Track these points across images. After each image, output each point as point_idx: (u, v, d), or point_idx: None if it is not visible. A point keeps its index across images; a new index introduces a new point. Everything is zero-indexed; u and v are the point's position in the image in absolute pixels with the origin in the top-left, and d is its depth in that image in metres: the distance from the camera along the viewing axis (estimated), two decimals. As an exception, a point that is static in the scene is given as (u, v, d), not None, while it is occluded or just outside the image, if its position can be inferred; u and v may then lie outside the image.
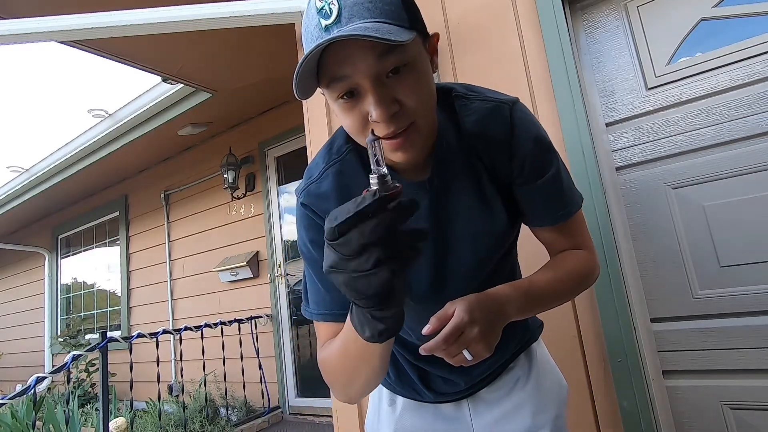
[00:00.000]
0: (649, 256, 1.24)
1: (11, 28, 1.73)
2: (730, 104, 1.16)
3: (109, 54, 2.75)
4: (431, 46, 0.62)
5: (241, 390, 3.63)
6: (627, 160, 1.29)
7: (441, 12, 1.56)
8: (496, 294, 0.62)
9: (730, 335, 1.13)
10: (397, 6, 0.55)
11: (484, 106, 0.68)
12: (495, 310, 0.60)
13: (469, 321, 0.56)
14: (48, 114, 10.50)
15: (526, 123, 0.68)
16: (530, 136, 0.68)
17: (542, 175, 0.69)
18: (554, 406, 0.81)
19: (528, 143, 0.67)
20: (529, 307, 0.67)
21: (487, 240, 0.72)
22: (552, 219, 0.73)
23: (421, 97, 0.58)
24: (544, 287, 0.69)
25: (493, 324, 0.59)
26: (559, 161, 0.72)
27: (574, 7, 1.40)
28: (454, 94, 0.69)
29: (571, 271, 0.73)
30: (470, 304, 0.57)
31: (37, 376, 2.30)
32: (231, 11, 1.71)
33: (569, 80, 1.28)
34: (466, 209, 0.70)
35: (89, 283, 5.95)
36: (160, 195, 4.75)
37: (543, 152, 0.69)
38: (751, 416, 1.10)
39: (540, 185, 0.70)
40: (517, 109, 0.68)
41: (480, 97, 0.69)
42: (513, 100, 0.69)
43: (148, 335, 3.03)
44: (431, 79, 0.60)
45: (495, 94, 0.70)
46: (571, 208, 0.73)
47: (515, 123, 0.67)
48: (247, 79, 3.26)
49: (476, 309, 0.57)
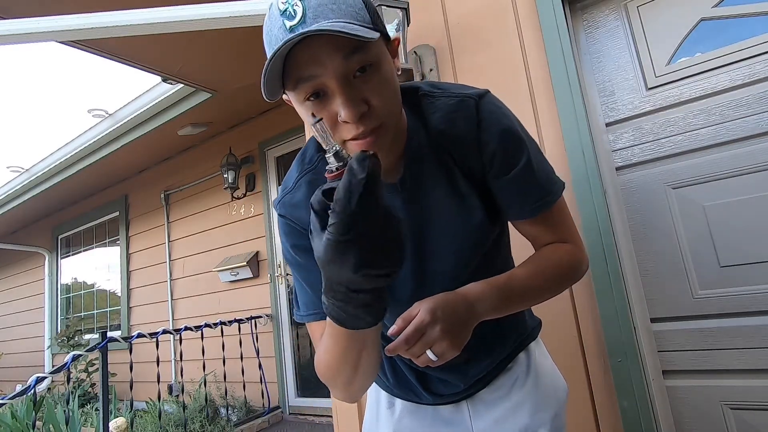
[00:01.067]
0: (649, 256, 1.24)
1: (11, 28, 1.73)
2: (730, 104, 1.16)
3: (109, 54, 2.75)
4: (392, 50, 0.62)
5: (241, 390, 3.63)
6: (627, 160, 1.29)
7: (441, 12, 1.56)
8: (467, 292, 0.62)
9: (730, 335, 1.13)
10: (360, 8, 0.56)
11: (449, 102, 0.68)
12: (462, 309, 0.59)
13: (431, 321, 0.55)
14: (48, 114, 10.50)
15: (492, 116, 0.67)
16: (497, 129, 0.67)
17: (513, 167, 0.68)
18: (553, 405, 0.81)
19: (495, 137, 0.67)
20: (505, 305, 0.65)
21: (466, 237, 0.71)
22: (528, 211, 0.72)
23: (387, 97, 0.58)
24: (523, 283, 0.68)
25: (459, 324, 0.58)
26: (530, 151, 0.69)
27: (574, 7, 1.40)
28: (420, 93, 0.69)
29: (554, 265, 0.71)
30: (434, 303, 0.57)
31: (37, 376, 2.30)
32: (231, 11, 1.71)
33: (569, 80, 1.28)
34: (440, 207, 0.69)
35: (89, 283, 5.95)
36: (160, 195, 4.75)
37: (512, 144, 0.68)
38: (751, 416, 1.10)
39: (512, 177, 0.68)
40: (484, 102, 0.68)
41: (445, 94, 0.69)
42: (479, 94, 0.69)
43: (148, 335, 3.03)
44: (395, 80, 0.61)
45: (461, 89, 0.69)
46: (548, 198, 0.71)
47: (481, 117, 0.67)
48: (247, 79, 3.26)
49: (439, 308, 0.57)
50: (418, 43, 1.60)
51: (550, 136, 1.31)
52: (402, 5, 1.40)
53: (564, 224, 0.75)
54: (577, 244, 0.75)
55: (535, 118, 1.34)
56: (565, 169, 1.27)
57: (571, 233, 0.75)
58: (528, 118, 1.35)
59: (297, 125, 3.49)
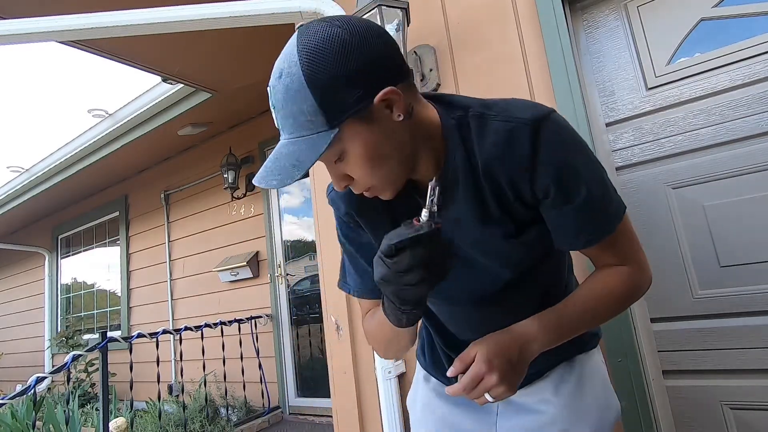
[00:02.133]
0: (649, 255, 1.23)
1: (11, 28, 1.73)
2: (730, 104, 1.16)
3: (109, 54, 2.75)
4: (384, 103, 0.58)
5: (241, 390, 3.63)
6: (627, 160, 1.29)
7: (441, 12, 1.56)
8: (521, 334, 0.65)
9: (730, 335, 1.13)
10: (314, 112, 0.56)
11: (502, 127, 0.63)
12: (516, 354, 0.63)
13: (487, 370, 0.60)
14: (48, 114, 10.50)
15: (549, 147, 0.62)
16: (552, 163, 0.62)
17: (568, 202, 0.64)
18: (593, 423, 0.77)
19: (549, 171, 0.62)
20: (559, 338, 0.67)
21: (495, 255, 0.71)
22: (582, 244, 0.70)
23: (368, 170, 0.61)
24: (577, 313, 0.68)
25: (513, 369, 0.62)
26: (589, 185, 0.65)
27: (574, 7, 1.40)
28: (471, 113, 0.66)
29: (609, 293, 0.70)
30: (489, 351, 0.62)
31: (37, 376, 2.30)
32: (231, 11, 1.71)
33: (569, 80, 1.28)
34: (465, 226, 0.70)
35: (89, 283, 5.95)
36: (160, 195, 4.75)
37: (568, 180, 0.63)
38: (751, 416, 1.10)
39: (566, 212, 0.65)
40: (542, 129, 0.62)
41: (499, 117, 0.64)
42: (538, 118, 0.62)
43: (148, 335, 3.03)
44: (383, 141, 0.60)
45: (517, 111, 0.64)
46: (602, 231, 0.68)
47: (536, 148, 0.62)
48: (247, 79, 3.26)
49: (495, 356, 0.61)
50: (418, 43, 1.60)
51: (550, 136, 1.31)
52: (402, 5, 1.40)
53: (622, 246, 0.71)
54: (638, 264, 0.73)
55: (535, 118, 1.34)
56: (565, 169, 1.27)
57: (631, 254, 0.72)
58: (528, 118, 1.36)
59: (297, 125, 3.48)
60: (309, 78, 0.55)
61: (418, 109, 0.64)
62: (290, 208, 3.91)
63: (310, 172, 1.79)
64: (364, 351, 1.55)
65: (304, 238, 3.81)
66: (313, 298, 3.63)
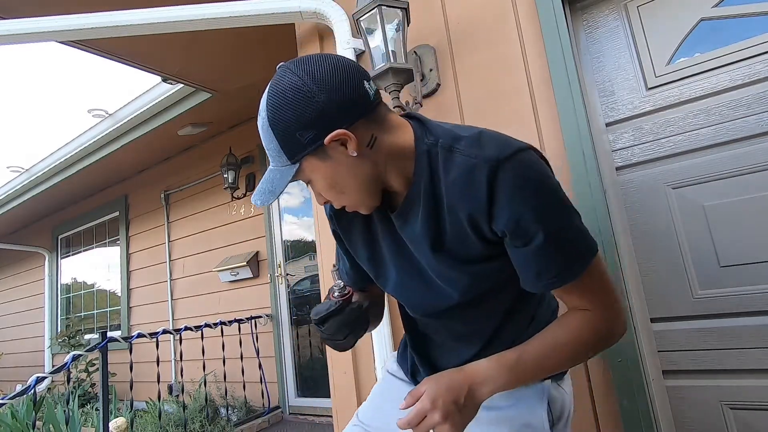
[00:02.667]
0: (649, 256, 1.24)
1: (11, 28, 1.73)
2: (730, 104, 1.16)
3: (109, 54, 2.75)
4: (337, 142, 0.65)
5: (241, 390, 3.63)
6: (627, 160, 1.29)
7: (441, 12, 1.56)
8: (473, 375, 0.67)
9: (730, 335, 1.13)
10: (278, 150, 0.68)
11: (465, 164, 0.66)
12: (465, 394, 0.65)
13: (431, 408, 0.64)
14: (48, 114, 10.50)
15: (508, 188, 0.63)
16: (510, 204, 0.63)
17: (527, 244, 0.64)
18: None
19: (506, 212, 0.63)
20: (516, 382, 0.68)
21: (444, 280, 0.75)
22: (542, 286, 0.68)
23: (333, 195, 0.73)
24: (538, 359, 0.68)
25: (460, 408, 0.64)
26: (549, 227, 0.63)
27: (574, 7, 1.40)
28: (440, 144, 0.70)
29: (574, 339, 0.69)
30: (437, 390, 0.65)
31: (37, 376, 2.30)
32: (231, 11, 1.71)
33: (569, 80, 1.28)
34: (418, 244, 0.75)
35: (89, 283, 5.95)
36: (160, 195, 4.74)
37: (525, 222, 0.63)
38: (751, 416, 1.10)
39: (525, 252, 0.65)
40: (501, 170, 0.63)
41: (464, 152, 0.67)
42: (500, 158, 0.63)
43: (148, 335, 3.03)
44: (344, 170, 0.69)
45: (482, 148, 0.66)
46: (565, 275, 0.66)
47: (495, 188, 0.63)
48: (247, 79, 3.26)
49: (441, 396, 0.64)
50: (418, 43, 1.60)
51: (550, 136, 1.31)
52: (402, 5, 1.40)
53: (591, 292, 0.69)
54: (609, 310, 0.70)
55: (535, 118, 1.34)
56: (565, 169, 1.27)
57: (602, 299, 0.69)
58: (528, 118, 1.35)
59: (297, 125, 3.48)
60: (271, 122, 0.66)
61: (384, 137, 0.70)
62: (290, 208, 3.91)
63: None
64: (364, 351, 1.55)
65: (304, 238, 3.81)
66: (313, 298, 3.63)
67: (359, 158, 0.68)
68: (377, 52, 1.40)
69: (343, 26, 1.65)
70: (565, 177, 1.27)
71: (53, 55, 10.18)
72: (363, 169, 0.69)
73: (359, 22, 1.42)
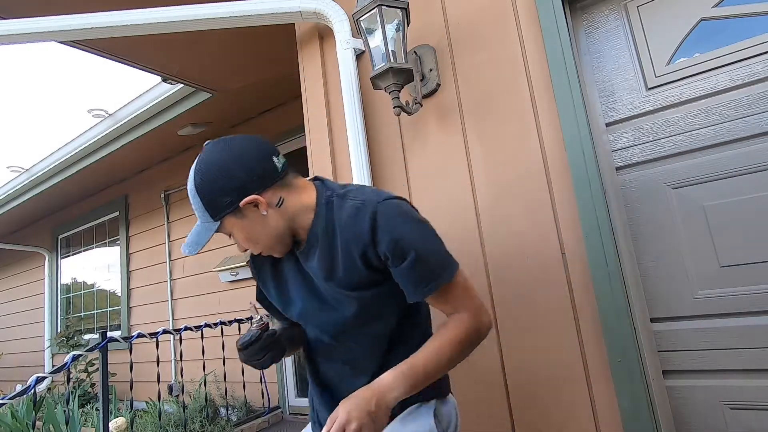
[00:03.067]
0: (649, 256, 1.24)
1: (11, 28, 1.73)
2: (730, 104, 1.16)
3: (109, 54, 2.75)
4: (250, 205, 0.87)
5: (241, 390, 3.63)
6: (627, 160, 1.29)
7: (441, 12, 1.56)
8: (378, 387, 0.81)
9: (730, 335, 1.13)
10: (203, 209, 0.87)
11: (353, 205, 0.88)
12: (374, 404, 0.78)
13: (346, 420, 0.75)
14: (48, 114, 10.49)
15: (384, 224, 0.85)
16: (387, 236, 0.84)
17: (402, 262, 0.85)
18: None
19: (384, 241, 0.85)
20: (414, 386, 0.83)
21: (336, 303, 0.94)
22: (419, 295, 0.88)
23: (250, 245, 0.94)
24: (427, 362, 0.84)
25: (372, 416, 0.77)
26: (419, 249, 0.85)
27: (574, 7, 1.40)
28: (336, 194, 0.93)
29: (450, 340, 0.86)
30: (350, 405, 0.77)
31: (37, 376, 2.30)
32: (231, 11, 1.71)
33: (569, 80, 1.28)
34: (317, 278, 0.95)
35: (89, 283, 5.95)
36: (160, 195, 4.74)
37: (399, 248, 0.85)
38: (751, 416, 1.10)
39: (402, 269, 0.86)
40: (379, 210, 0.86)
41: (351, 197, 0.90)
42: (377, 201, 0.87)
43: (148, 335, 3.03)
44: (257, 226, 0.90)
45: (366, 195, 0.90)
46: (436, 283, 0.87)
47: (375, 223, 0.85)
48: (247, 79, 3.26)
49: (355, 409, 0.77)
50: (418, 43, 1.60)
51: (550, 136, 1.31)
52: (402, 5, 1.40)
53: (458, 298, 0.89)
54: (473, 310, 0.89)
55: (535, 118, 1.34)
56: (565, 169, 1.27)
57: (467, 304, 0.89)
58: (528, 118, 1.35)
59: (297, 125, 3.49)
60: (197, 188, 0.86)
61: (290, 197, 0.91)
62: (290, 208, 3.90)
63: (311, 172, 1.79)
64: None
65: (304, 238, 3.81)
66: (313, 298, 3.62)
67: (269, 216, 0.89)
68: (377, 52, 1.40)
69: (343, 26, 1.65)
70: (565, 177, 1.28)
71: (53, 55, 10.18)
72: (273, 224, 0.90)
73: (359, 22, 1.42)
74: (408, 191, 1.57)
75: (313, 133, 1.81)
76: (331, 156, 1.73)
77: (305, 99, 1.86)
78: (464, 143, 1.47)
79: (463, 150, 1.47)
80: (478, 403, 1.36)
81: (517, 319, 1.32)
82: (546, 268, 1.29)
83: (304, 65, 1.89)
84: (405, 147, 1.60)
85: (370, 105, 1.69)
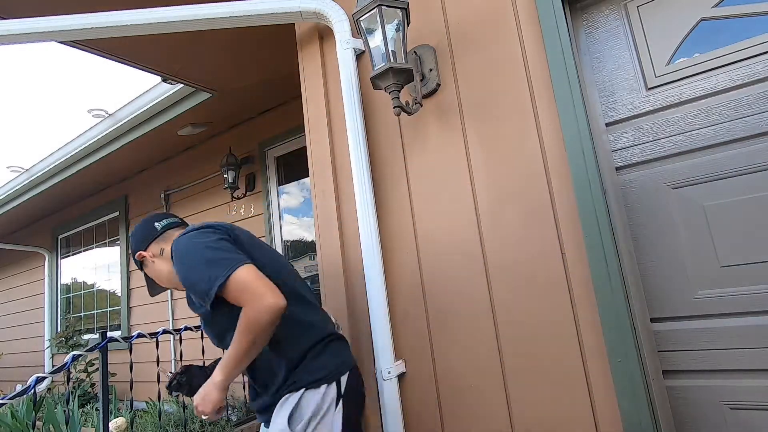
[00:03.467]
0: (649, 256, 1.24)
1: (11, 28, 1.73)
2: (730, 104, 1.16)
3: (109, 54, 2.75)
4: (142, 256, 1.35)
5: (241, 390, 3.63)
6: (627, 160, 1.29)
7: (441, 12, 1.56)
8: (213, 375, 1.16)
9: (730, 335, 1.13)
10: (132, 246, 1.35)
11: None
12: (208, 388, 1.15)
13: (195, 404, 1.17)
14: (48, 114, 10.49)
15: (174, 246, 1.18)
16: (174, 255, 1.18)
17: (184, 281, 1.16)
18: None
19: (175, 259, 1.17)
20: (230, 370, 1.15)
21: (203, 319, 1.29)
22: (206, 305, 1.11)
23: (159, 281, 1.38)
24: (230, 354, 1.11)
25: (206, 396, 1.15)
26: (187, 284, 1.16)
27: (574, 7, 1.40)
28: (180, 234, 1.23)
29: (239, 331, 1.07)
30: (197, 394, 1.18)
31: (37, 376, 2.29)
32: (231, 11, 1.71)
33: (569, 80, 1.28)
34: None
35: (89, 283, 5.95)
36: (160, 195, 4.74)
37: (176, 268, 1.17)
38: (751, 416, 1.10)
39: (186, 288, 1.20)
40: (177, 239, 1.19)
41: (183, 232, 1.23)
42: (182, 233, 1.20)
43: (148, 335, 3.02)
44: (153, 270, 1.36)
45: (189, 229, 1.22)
46: (207, 299, 1.09)
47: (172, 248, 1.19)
48: (247, 79, 3.26)
49: (198, 395, 1.17)
50: (418, 43, 1.60)
51: (550, 136, 1.31)
52: (402, 5, 1.40)
53: (236, 298, 1.08)
54: (247, 303, 1.06)
55: (535, 118, 1.34)
56: (565, 169, 1.27)
57: (244, 299, 1.06)
58: (528, 118, 1.35)
59: (297, 125, 3.48)
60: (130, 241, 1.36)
61: (167, 247, 1.28)
62: (290, 208, 3.91)
63: (311, 172, 1.79)
64: (363, 352, 1.55)
65: (304, 238, 3.81)
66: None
67: (157, 263, 1.33)
68: (377, 52, 1.40)
69: (343, 26, 1.65)
70: (565, 177, 1.28)
71: (53, 55, 10.18)
72: (162, 268, 1.33)
73: (359, 22, 1.42)
74: (408, 191, 1.57)
75: (313, 133, 1.81)
76: (331, 156, 1.73)
77: (305, 99, 1.86)
78: (464, 143, 1.47)
79: (463, 150, 1.47)
80: (473, 391, 1.36)
81: (515, 317, 1.32)
82: (546, 267, 1.29)
83: (304, 65, 1.89)
84: (405, 147, 1.60)
85: (370, 105, 1.69)
